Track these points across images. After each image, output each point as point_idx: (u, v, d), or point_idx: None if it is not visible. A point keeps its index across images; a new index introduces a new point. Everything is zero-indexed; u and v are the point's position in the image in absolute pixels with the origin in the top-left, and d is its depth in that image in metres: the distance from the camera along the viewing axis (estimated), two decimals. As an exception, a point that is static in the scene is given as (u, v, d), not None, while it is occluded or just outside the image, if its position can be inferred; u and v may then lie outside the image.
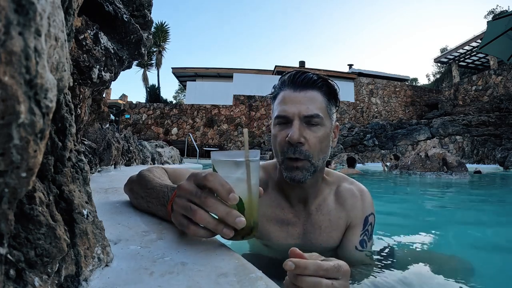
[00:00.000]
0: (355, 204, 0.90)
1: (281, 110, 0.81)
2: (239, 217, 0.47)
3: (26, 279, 0.25)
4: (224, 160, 0.51)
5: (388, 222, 1.83)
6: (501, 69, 15.36)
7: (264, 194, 0.90)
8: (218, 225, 0.47)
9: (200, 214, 0.47)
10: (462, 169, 6.13)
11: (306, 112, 0.78)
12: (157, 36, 18.20)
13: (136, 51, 1.03)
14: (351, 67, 19.51)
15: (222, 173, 0.50)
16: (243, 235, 0.50)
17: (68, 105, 0.36)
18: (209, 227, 0.47)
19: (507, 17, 5.76)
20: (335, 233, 0.89)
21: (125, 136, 2.82)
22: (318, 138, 0.79)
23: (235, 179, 0.50)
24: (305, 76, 0.82)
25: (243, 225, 0.47)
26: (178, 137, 15.03)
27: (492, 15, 25.02)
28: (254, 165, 0.52)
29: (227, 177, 0.49)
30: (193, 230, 0.48)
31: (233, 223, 0.46)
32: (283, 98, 0.82)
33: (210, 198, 0.47)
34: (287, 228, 0.88)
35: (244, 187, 0.50)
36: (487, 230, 1.84)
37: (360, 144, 12.42)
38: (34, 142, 0.20)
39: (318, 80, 0.82)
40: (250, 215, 0.50)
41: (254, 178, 0.52)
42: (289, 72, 0.86)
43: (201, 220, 0.47)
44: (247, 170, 0.50)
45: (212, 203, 0.47)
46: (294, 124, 0.78)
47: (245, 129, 0.56)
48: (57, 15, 0.23)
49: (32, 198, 0.28)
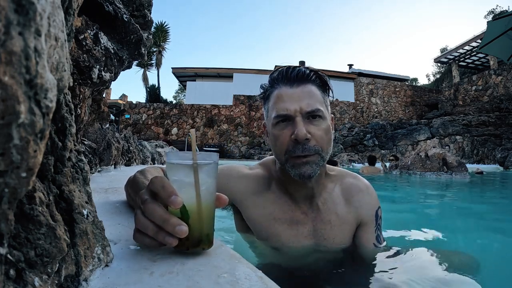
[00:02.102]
0: (364, 200, 0.89)
1: (280, 109, 0.77)
2: (180, 225, 0.42)
3: (26, 279, 0.25)
4: (171, 163, 0.47)
5: (387, 222, 1.83)
6: (501, 69, 15.35)
7: (268, 193, 0.87)
8: (159, 232, 0.43)
9: (141, 221, 0.44)
10: (462, 169, 6.13)
11: (307, 108, 0.76)
12: (157, 36, 18.20)
13: (136, 51, 1.03)
14: (351, 67, 19.50)
15: (169, 176, 0.47)
16: (189, 246, 0.45)
17: (68, 105, 0.36)
18: (149, 234, 0.44)
19: (507, 17, 5.76)
20: (347, 227, 0.87)
21: (125, 136, 2.82)
22: (323, 131, 0.77)
23: (181, 184, 0.46)
24: (298, 70, 0.80)
25: (184, 235, 0.42)
26: (178, 137, 15.03)
27: (492, 15, 25.02)
28: (207, 170, 0.47)
29: (174, 180, 0.46)
30: (138, 238, 0.45)
31: (173, 231, 0.42)
32: (280, 96, 0.79)
33: (150, 204, 0.44)
34: (296, 226, 0.85)
35: (191, 193, 0.45)
36: (488, 229, 1.84)
37: (360, 144, 12.41)
38: (34, 142, 0.20)
39: (311, 73, 0.81)
40: (198, 225, 0.45)
41: (206, 184, 0.46)
42: (278, 70, 0.84)
43: (141, 227, 0.44)
44: (194, 174, 0.45)
45: (150, 210, 0.44)
46: (297, 121, 0.75)
47: (192, 130, 0.50)
48: (57, 15, 0.23)
49: (32, 198, 0.28)
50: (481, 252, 1.28)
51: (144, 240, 0.44)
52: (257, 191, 0.88)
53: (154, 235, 0.43)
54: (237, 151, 15.02)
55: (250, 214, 0.87)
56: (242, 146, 15.16)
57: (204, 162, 0.47)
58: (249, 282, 0.39)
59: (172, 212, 0.45)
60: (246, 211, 0.88)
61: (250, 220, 0.88)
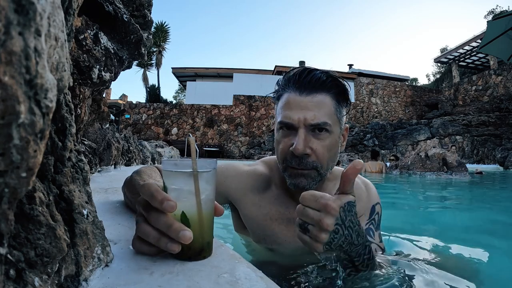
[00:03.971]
0: (361, 196, 0.87)
1: (284, 116, 0.74)
2: (183, 230, 0.41)
3: (26, 279, 0.25)
4: (169, 171, 0.46)
5: (387, 222, 1.83)
6: (501, 69, 15.35)
7: (267, 192, 0.86)
8: (161, 239, 0.42)
9: (142, 228, 0.43)
10: (462, 169, 6.13)
11: (312, 120, 0.71)
12: (157, 36, 18.20)
13: (136, 51, 1.03)
14: (351, 67, 19.52)
15: (168, 184, 0.46)
16: (191, 255, 0.44)
17: (68, 105, 0.36)
18: (151, 241, 0.43)
19: (507, 17, 5.76)
20: None
21: (125, 136, 2.82)
22: (326, 147, 0.72)
23: (181, 192, 0.45)
24: (313, 76, 0.74)
25: (189, 240, 0.41)
26: (178, 137, 15.03)
27: (492, 15, 25.02)
28: (207, 177, 0.46)
29: (173, 189, 0.45)
30: (136, 246, 0.44)
31: (176, 237, 0.41)
32: (288, 102, 0.75)
33: (153, 211, 0.43)
34: (293, 227, 0.84)
35: (192, 202, 0.44)
36: (488, 229, 1.84)
37: (360, 144, 12.42)
38: (34, 142, 0.20)
39: (328, 80, 0.74)
40: (199, 234, 0.44)
41: (206, 192, 0.45)
42: (294, 70, 0.78)
43: (142, 234, 0.43)
44: (195, 182, 0.44)
45: (154, 216, 0.43)
46: (299, 133, 0.71)
47: (191, 137, 0.48)
48: (57, 15, 0.23)
49: (32, 198, 0.28)
50: (481, 252, 1.28)
51: (143, 248, 0.44)
52: (255, 189, 0.86)
53: (156, 242, 0.42)
54: (237, 151, 15.02)
55: (247, 212, 0.86)
56: (242, 146, 15.16)
57: (204, 170, 0.46)
58: (249, 282, 0.39)
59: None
60: (243, 209, 0.86)
61: (247, 219, 0.86)
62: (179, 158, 4.16)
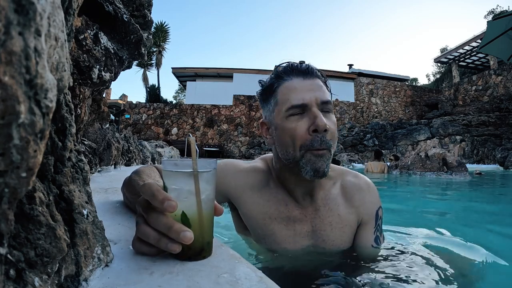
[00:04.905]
0: (364, 199, 0.86)
1: (295, 99, 0.74)
2: (184, 231, 0.41)
3: (26, 279, 0.25)
4: (169, 171, 0.46)
5: (387, 222, 1.83)
6: (501, 69, 15.35)
7: (265, 189, 0.85)
8: (161, 239, 0.42)
9: (142, 229, 0.43)
10: (462, 169, 6.13)
11: (323, 98, 0.74)
12: (157, 36, 18.21)
13: (136, 51, 1.03)
14: (351, 67, 19.51)
15: (168, 184, 0.46)
16: (191, 255, 0.44)
17: (68, 105, 0.36)
18: (151, 242, 0.43)
19: (507, 17, 5.76)
20: (348, 229, 0.84)
21: (125, 136, 2.82)
22: (335, 125, 0.75)
23: (181, 192, 0.45)
24: (307, 65, 0.81)
25: (190, 241, 0.41)
26: (178, 137, 15.03)
27: (492, 15, 25.02)
28: (207, 177, 0.46)
29: (173, 189, 0.45)
30: (136, 246, 0.44)
31: (177, 238, 0.41)
32: (294, 87, 0.76)
33: (153, 212, 0.43)
34: (293, 226, 0.82)
35: (192, 202, 0.44)
36: (488, 229, 1.84)
37: (360, 144, 12.41)
38: (34, 142, 0.20)
39: (315, 69, 0.82)
40: (199, 234, 0.44)
41: (206, 192, 0.45)
42: (285, 64, 0.83)
43: (142, 235, 0.43)
44: (195, 182, 0.44)
45: (154, 217, 0.43)
46: (314, 111, 0.72)
47: (191, 137, 0.48)
48: (57, 15, 0.23)
49: (32, 198, 0.28)
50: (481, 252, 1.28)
51: (143, 248, 0.44)
52: (254, 186, 0.86)
53: (156, 243, 0.42)
54: (237, 151, 15.02)
55: (246, 211, 0.85)
56: (242, 146, 15.16)
57: (204, 170, 0.46)
58: (249, 282, 0.39)
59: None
60: (243, 208, 0.86)
61: (246, 218, 0.86)
62: (179, 158, 4.14)
